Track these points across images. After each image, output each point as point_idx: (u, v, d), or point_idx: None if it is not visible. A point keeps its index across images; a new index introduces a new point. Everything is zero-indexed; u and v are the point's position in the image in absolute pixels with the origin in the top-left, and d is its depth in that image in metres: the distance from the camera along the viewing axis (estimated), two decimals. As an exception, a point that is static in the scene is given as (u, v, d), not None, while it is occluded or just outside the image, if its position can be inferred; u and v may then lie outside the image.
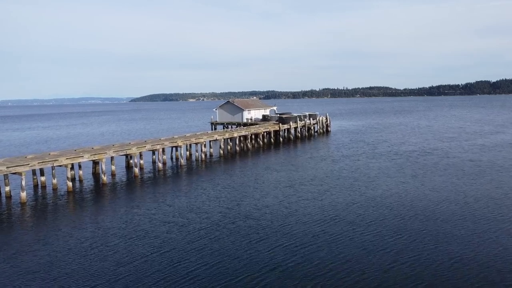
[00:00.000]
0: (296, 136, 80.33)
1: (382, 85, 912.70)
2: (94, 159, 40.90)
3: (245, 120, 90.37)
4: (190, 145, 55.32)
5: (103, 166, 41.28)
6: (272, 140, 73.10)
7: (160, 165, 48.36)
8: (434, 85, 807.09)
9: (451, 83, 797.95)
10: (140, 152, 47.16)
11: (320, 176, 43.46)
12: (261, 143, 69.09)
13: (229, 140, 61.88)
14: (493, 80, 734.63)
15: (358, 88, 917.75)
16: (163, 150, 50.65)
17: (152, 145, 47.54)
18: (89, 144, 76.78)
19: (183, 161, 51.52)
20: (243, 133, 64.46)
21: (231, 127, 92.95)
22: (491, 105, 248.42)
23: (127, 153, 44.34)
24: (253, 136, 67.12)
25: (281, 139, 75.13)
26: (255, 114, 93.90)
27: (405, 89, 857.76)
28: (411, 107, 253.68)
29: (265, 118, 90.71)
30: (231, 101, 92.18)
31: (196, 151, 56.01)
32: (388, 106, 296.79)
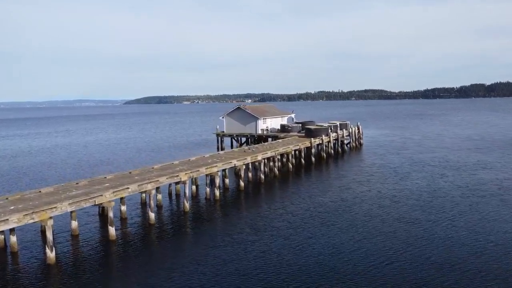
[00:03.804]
0: (328, 154, 62.38)
1: (376, 88, 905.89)
2: (34, 221, 22.58)
3: (259, 131, 72.37)
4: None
5: (49, 234, 22.99)
6: (302, 160, 55.12)
7: (153, 215, 30.10)
8: (429, 88, 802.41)
9: (446, 86, 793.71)
10: (121, 197, 28.96)
11: (404, 246, 25.42)
12: (290, 166, 51.07)
13: (250, 164, 43.87)
14: (488, 83, 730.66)
15: (354, 91, 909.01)
16: (157, 188, 32.55)
17: (139, 186, 29.31)
18: (59, 165, 58.19)
19: (187, 204, 33.32)
20: (269, 154, 46.43)
21: (240, 139, 75.01)
22: (502, 109, 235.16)
23: (97, 202, 26.13)
24: (278, 157, 49.09)
25: (312, 158, 57.18)
26: (271, 123, 75.95)
27: (400, 92, 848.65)
28: (420, 111, 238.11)
29: (284, 129, 72.80)
30: (242, 107, 74.03)
31: (207, 184, 37.85)
32: (393, 109, 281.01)
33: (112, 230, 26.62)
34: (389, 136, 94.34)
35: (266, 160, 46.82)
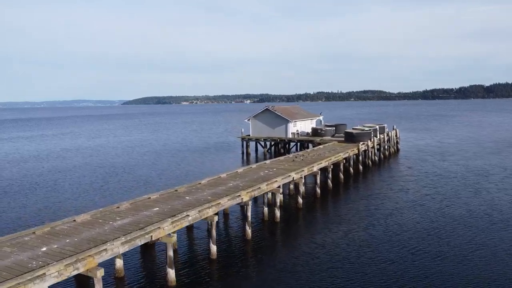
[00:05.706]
0: (372, 161, 56.11)
1: (375, 89, 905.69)
2: (79, 271, 16.16)
3: (290, 135, 66.14)
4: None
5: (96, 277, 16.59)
6: (351, 169, 48.78)
7: (215, 248, 23.72)
8: (427, 88, 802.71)
9: (445, 87, 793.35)
10: (172, 232, 22.54)
11: None
12: (341, 176, 44.77)
13: (304, 177, 37.46)
14: (487, 84, 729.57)
15: (353, 91, 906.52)
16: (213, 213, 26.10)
17: (200, 212, 22.93)
18: (76, 172, 51.38)
19: (249, 230, 26.92)
20: (324, 164, 40.11)
21: (265, 144, 68.72)
22: (510, 109, 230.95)
23: (154, 238, 19.75)
24: (331, 166, 42.59)
25: (360, 166, 50.95)
26: (301, 126, 69.79)
27: (399, 93, 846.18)
28: (429, 112, 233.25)
29: (317, 133, 66.52)
30: (271, 109, 67.78)
31: (264, 203, 31.54)
32: (399, 110, 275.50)
33: (171, 273, 20.22)
34: (418, 139, 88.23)
35: (320, 171, 40.43)
